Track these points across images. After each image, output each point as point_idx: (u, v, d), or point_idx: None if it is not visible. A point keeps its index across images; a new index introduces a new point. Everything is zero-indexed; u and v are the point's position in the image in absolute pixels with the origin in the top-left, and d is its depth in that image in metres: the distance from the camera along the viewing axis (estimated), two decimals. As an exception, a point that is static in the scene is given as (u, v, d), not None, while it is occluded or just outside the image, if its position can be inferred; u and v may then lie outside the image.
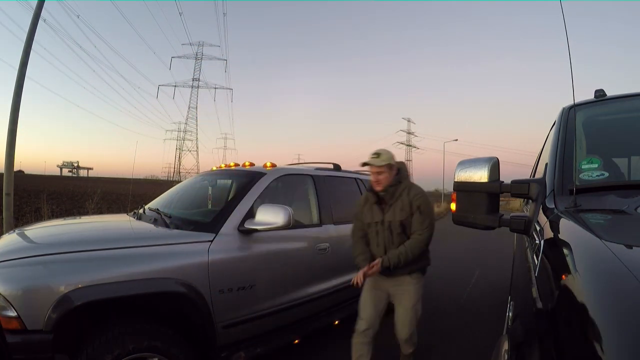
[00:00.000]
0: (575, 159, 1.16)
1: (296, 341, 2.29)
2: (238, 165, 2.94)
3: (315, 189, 2.71)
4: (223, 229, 1.96)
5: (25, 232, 2.01)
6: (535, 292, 0.70)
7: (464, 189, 1.22)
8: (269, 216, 1.98)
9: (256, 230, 2.01)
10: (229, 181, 2.87)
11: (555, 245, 0.73)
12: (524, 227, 1.12)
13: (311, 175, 2.76)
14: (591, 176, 1.15)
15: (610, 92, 1.60)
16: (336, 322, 2.66)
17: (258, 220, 2.00)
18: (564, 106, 1.54)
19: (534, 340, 0.56)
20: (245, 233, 2.02)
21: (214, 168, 3.17)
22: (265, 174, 2.39)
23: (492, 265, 5.65)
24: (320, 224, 2.62)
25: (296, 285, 2.32)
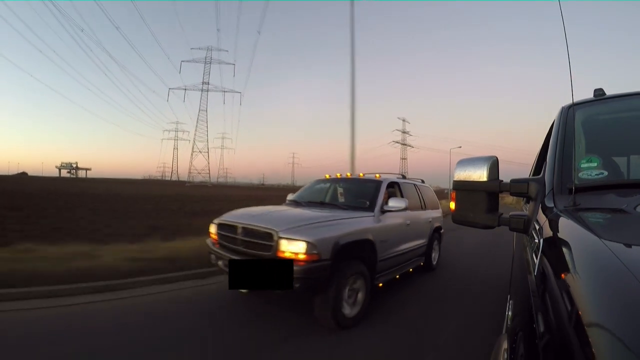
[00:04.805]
0: (575, 158, 1.16)
1: (380, 285, 3.80)
2: (354, 175, 5.21)
3: (400, 190, 4.74)
4: (375, 210, 3.82)
5: (273, 212, 3.56)
6: (534, 291, 0.70)
7: (463, 188, 1.21)
8: (397, 203, 3.92)
9: (390, 211, 3.94)
10: (355, 184, 4.73)
11: (555, 244, 0.73)
12: (523, 226, 1.11)
13: (397, 182, 4.78)
14: (590, 175, 1.15)
15: (609, 92, 1.60)
16: (410, 270, 4.63)
17: (391, 205, 3.92)
18: (563, 105, 1.54)
19: (534, 339, 0.56)
20: (383, 212, 3.90)
21: (339, 175, 5.05)
22: (382, 181, 4.39)
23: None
24: (406, 210, 4.27)
25: (400, 242, 4.22)
